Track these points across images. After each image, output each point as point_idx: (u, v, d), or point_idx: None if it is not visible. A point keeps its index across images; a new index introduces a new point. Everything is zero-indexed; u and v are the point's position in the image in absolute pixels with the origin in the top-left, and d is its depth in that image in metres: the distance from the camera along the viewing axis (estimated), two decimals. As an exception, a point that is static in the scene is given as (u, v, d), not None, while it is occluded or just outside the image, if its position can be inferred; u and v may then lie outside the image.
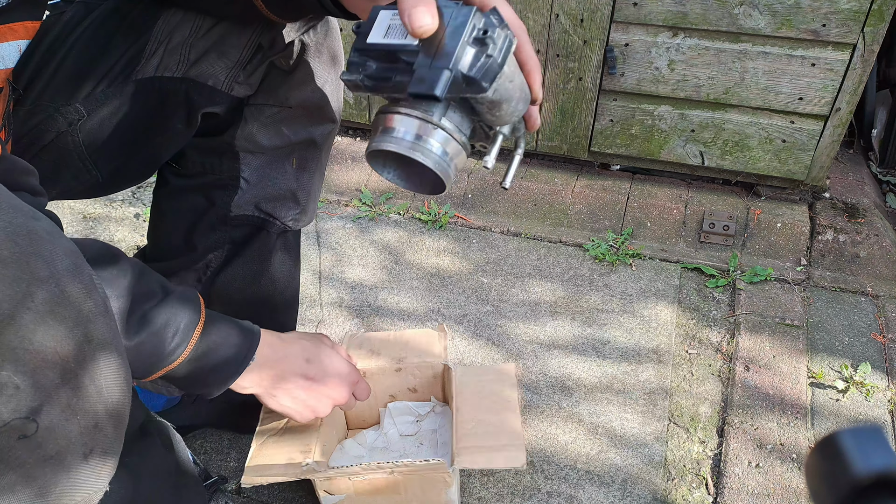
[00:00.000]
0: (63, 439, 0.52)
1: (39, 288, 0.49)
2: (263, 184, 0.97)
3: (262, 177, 0.96)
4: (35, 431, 0.50)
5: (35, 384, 0.49)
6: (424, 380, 1.10)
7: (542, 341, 1.39)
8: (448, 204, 1.76)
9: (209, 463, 1.15)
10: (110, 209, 1.72)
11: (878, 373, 1.31)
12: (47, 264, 0.50)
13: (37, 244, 0.50)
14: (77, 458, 0.54)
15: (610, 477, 1.14)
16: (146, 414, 0.81)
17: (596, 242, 1.63)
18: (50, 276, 0.50)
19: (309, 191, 1.01)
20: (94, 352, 0.54)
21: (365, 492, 0.96)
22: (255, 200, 0.97)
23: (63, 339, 0.51)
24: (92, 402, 0.54)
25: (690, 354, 1.37)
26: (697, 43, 1.52)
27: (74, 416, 0.53)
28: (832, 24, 1.42)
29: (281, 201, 0.98)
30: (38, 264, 0.49)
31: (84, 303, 0.53)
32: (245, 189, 0.96)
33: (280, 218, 1.00)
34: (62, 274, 0.51)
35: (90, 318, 0.53)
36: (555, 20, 1.58)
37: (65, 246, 0.53)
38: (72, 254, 0.53)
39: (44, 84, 0.81)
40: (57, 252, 0.51)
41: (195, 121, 0.88)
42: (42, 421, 0.50)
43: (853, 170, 1.81)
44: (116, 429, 0.58)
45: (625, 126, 1.68)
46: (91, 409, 0.54)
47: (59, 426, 0.51)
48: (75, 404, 0.52)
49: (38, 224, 0.51)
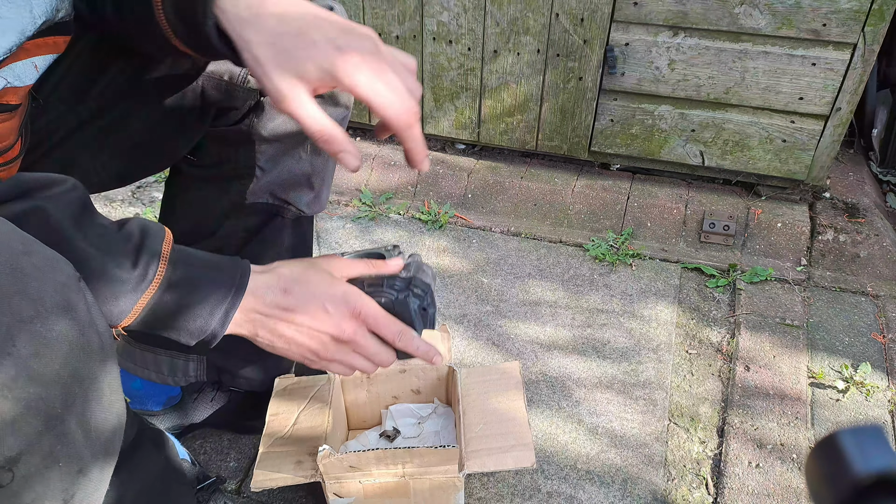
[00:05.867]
0: (41, 487, 0.49)
1: (21, 331, 0.46)
2: (278, 171, 0.96)
3: (276, 164, 0.96)
4: (10, 481, 0.47)
5: (15, 432, 0.46)
6: (428, 381, 1.10)
7: (542, 341, 1.39)
8: (448, 204, 1.76)
9: (209, 463, 1.15)
10: (110, 209, 1.72)
11: (878, 373, 1.31)
12: (33, 303, 0.47)
13: (22, 282, 0.47)
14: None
15: (610, 477, 1.14)
16: (139, 425, 0.79)
17: (596, 242, 1.63)
18: (35, 316, 0.47)
19: (323, 176, 1.01)
20: (84, 392, 0.51)
21: (374, 494, 0.96)
22: (270, 188, 0.97)
23: (49, 384, 0.47)
24: (77, 448, 0.51)
25: (690, 354, 1.37)
26: (698, 42, 1.52)
27: (56, 464, 0.49)
28: (833, 23, 1.42)
29: (296, 187, 0.98)
30: (21, 304, 0.46)
31: (75, 340, 0.50)
32: (260, 177, 0.96)
33: (295, 203, 1.00)
34: (50, 311, 0.48)
35: (80, 357, 0.50)
36: (555, 20, 1.58)
37: (58, 280, 0.50)
38: (64, 287, 0.50)
39: (56, 82, 0.80)
40: (45, 288, 0.48)
41: (209, 115, 0.88)
42: (19, 471, 0.47)
43: (853, 170, 1.81)
44: (103, 470, 0.55)
45: (625, 126, 1.68)
46: (76, 455, 0.51)
47: (38, 475, 0.48)
48: (58, 451, 0.49)
49: (27, 260, 0.48)
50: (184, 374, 1.06)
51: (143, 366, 1.06)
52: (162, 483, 0.82)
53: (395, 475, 0.94)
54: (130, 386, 1.10)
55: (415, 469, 0.93)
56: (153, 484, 0.80)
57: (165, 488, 0.83)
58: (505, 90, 1.71)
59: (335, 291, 0.70)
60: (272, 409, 1.03)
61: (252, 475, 0.94)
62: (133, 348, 1.05)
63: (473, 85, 1.72)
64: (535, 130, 1.75)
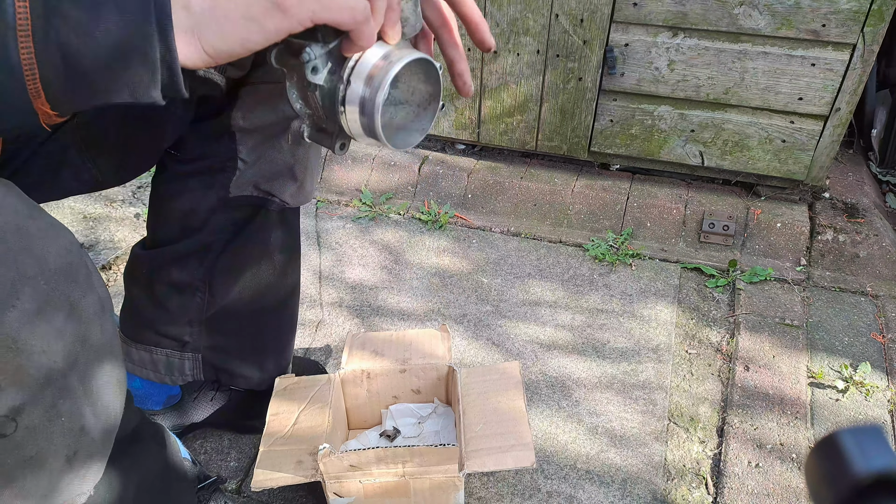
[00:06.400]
0: (44, 441, 0.50)
1: (26, 285, 0.47)
2: (261, 162, 0.97)
3: (258, 155, 0.96)
4: (14, 431, 0.48)
5: (17, 382, 0.48)
6: (428, 381, 1.10)
7: (542, 341, 1.39)
8: (448, 204, 1.76)
9: (209, 463, 1.16)
10: (110, 209, 1.72)
11: (877, 373, 1.32)
12: (37, 262, 0.48)
13: (26, 241, 0.48)
14: (59, 460, 0.52)
15: (610, 477, 1.14)
16: (140, 417, 0.80)
17: (596, 242, 1.63)
18: (39, 274, 0.48)
19: (305, 165, 1.00)
20: (86, 354, 0.52)
21: (374, 494, 0.96)
22: (254, 180, 0.97)
23: (51, 339, 0.49)
24: (79, 405, 0.52)
25: (690, 354, 1.37)
26: (697, 43, 1.52)
27: (58, 418, 0.51)
28: (832, 24, 1.43)
29: (278, 178, 0.98)
30: (26, 261, 0.48)
31: (78, 303, 0.51)
32: (243, 169, 0.96)
33: (279, 195, 1.00)
34: (53, 272, 0.49)
35: (83, 319, 0.52)
36: (555, 20, 1.58)
37: (61, 245, 0.51)
38: (68, 253, 0.52)
39: None
40: (50, 250, 0.50)
41: (191, 105, 0.88)
42: (22, 421, 0.49)
43: (853, 170, 1.81)
44: (105, 432, 0.56)
45: (625, 126, 1.68)
46: (78, 412, 0.52)
47: (41, 427, 0.50)
48: (61, 406, 0.51)
49: (32, 223, 0.50)
50: (180, 372, 1.06)
51: (141, 365, 1.06)
52: (163, 480, 0.82)
53: (396, 474, 0.94)
54: (131, 385, 1.10)
55: (415, 468, 0.93)
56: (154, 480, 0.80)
57: (166, 486, 0.83)
58: (505, 90, 1.71)
59: None
60: (272, 408, 1.03)
61: (252, 475, 0.95)
62: (129, 347, 1.06)
63: (473, 85, 1.72)
64: (534, 131, 1.75)
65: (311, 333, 1.40)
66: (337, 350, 1.36)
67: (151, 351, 1.05)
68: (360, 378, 1.09)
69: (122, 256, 1.58)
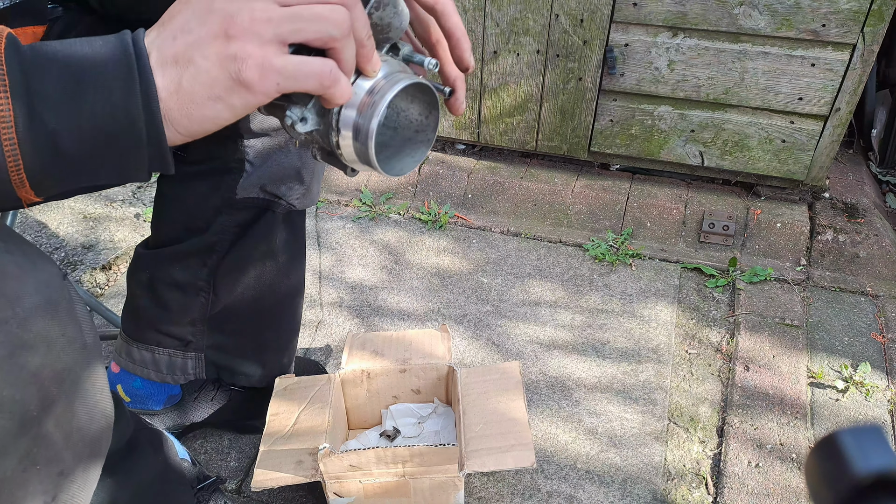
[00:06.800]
0: (20, 490, 0.48)
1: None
2: (268, 165, 0.96)
3: (266, 158, 0.96)
4: None
5: None
6: (429, 381, 1.10)
7: (542, 341, 1.39)
8: (448, 204, 1.76)
9: (209, 463, 1.16)
10: (110, 209, 1.72)
11: (877, 373, 1.32)
12: (10, 304, 0.46)
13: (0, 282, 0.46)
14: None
15: (610, 477, 1.14)
16: (135, 426, 0.79)
17: (596, 242, 1.63)
18: (12, 317, 0.46)
19: (313, 169, 1.01)
20: (64, 393, 0.49)
21: (374, 494, 0.97)
22: (261, 182, 0.97)
23: (24, 386, 0.46)
24: (57, 450, 0.50)
25: (690, 354, 1.37)
26: (697, 43, 1.52)
27: (33, 466, 0.48)
28: (832, 24, 1.43)
29: (286, 181, 0.98)
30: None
31: (55, 340, 0.48)
32: (250, 172, 0.96)
33: (285, 198, 1.00)
34: (28, 313, 0.47)
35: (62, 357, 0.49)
36: (555, 20, 1.58)
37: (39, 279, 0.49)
38: (47, 287, 0.49)
39: None
40: (25, 288, 0.47)
41: None
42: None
43: (853, 170, 1.81)
44: (87, 471, 0.54)
45: (625, 126, 1.68)
46: (55, 457, 0.50)
47: (15, 478, 0.47)
48: (36, 454, 0.48)
49: (8, 258, 0.47)
50: (182, 371, 1.06)
51: (143, 364, 1.06)
52: (160, 484, 0.82)
53: (396, 474, 0.94)
54: (131, 385, 1.10)
55: (415, 468, 0.93)
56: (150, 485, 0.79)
57: (163, 489, 0.83)
58: (505, 90, 1.71)
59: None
60: (272, 408, 1.03)
61: (252, 475, 0.95)
62: (131, 347, 1.06)
63: (473, 85, 1.72)
64: (534, 131, 1.75)
65: (311, 333, 1.40)
66: (337, 350, 1.36)
67: (153, 350, 1.05)
68: (360, 378, 1.09)
69: (122, 256, 1.58)
